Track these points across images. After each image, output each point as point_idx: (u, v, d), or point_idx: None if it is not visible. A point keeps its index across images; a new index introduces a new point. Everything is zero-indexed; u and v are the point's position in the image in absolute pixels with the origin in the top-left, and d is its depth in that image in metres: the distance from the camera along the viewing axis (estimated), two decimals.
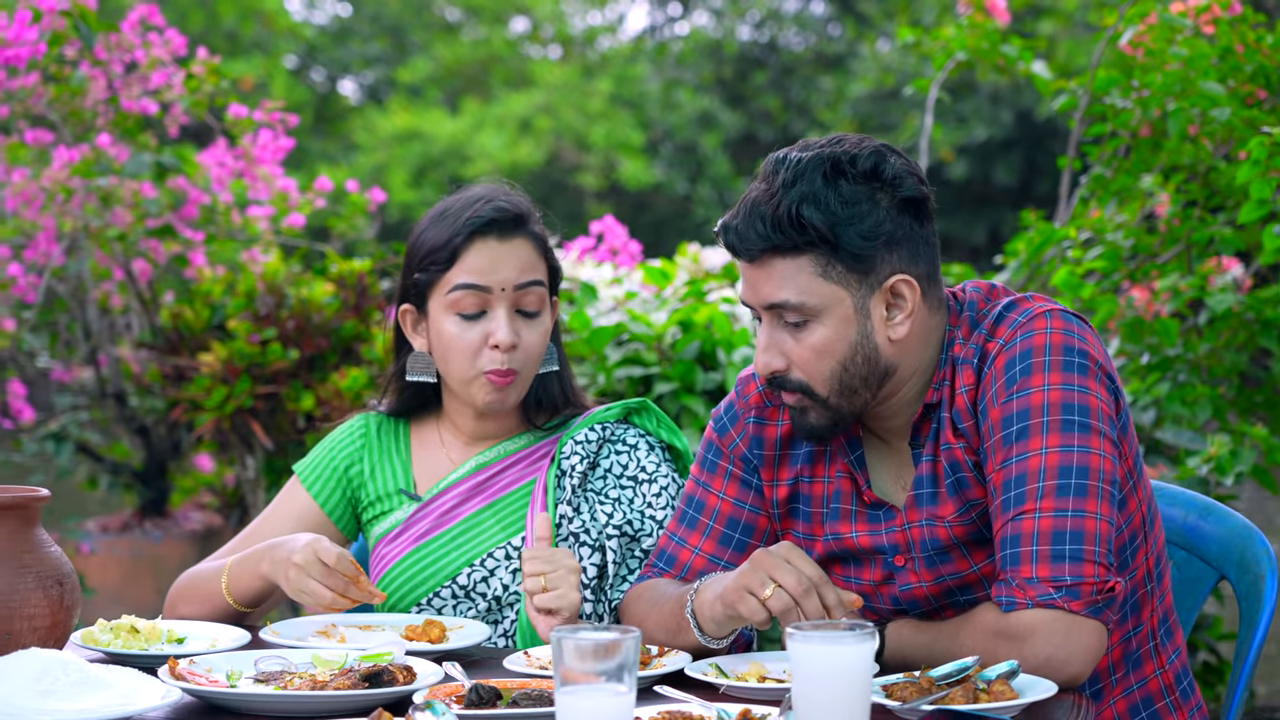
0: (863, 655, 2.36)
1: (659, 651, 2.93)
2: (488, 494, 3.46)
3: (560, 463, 3.42)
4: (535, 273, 3.36)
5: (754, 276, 2.90)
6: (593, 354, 5.30)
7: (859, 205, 2.84)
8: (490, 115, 20.83)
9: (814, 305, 2.86)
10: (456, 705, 2.59)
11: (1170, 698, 3.05)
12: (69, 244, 6.59)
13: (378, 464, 3.53)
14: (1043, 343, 2.84)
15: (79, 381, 7.39)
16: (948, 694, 2.59)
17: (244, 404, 6.13)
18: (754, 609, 2.77)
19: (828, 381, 2.89)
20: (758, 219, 2.85)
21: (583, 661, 2.31)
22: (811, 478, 3.09)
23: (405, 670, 2.73)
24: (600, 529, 3.36)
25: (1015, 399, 2.82)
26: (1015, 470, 2.80)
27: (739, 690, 2.73)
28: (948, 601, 3.00)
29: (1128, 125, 5.50)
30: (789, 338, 2.89)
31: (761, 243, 2.85)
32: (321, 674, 2.74)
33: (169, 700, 2.58)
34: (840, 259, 2.84)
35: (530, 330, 3.36)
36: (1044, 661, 2.72)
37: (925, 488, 2.96)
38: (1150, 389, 5.21)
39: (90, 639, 2.99)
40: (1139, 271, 5.52)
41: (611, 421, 3.48)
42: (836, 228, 2.82)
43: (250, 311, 6.34)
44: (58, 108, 6.67)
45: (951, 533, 2.93)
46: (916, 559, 2.98)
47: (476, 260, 3.33)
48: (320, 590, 3.08)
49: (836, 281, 2.85)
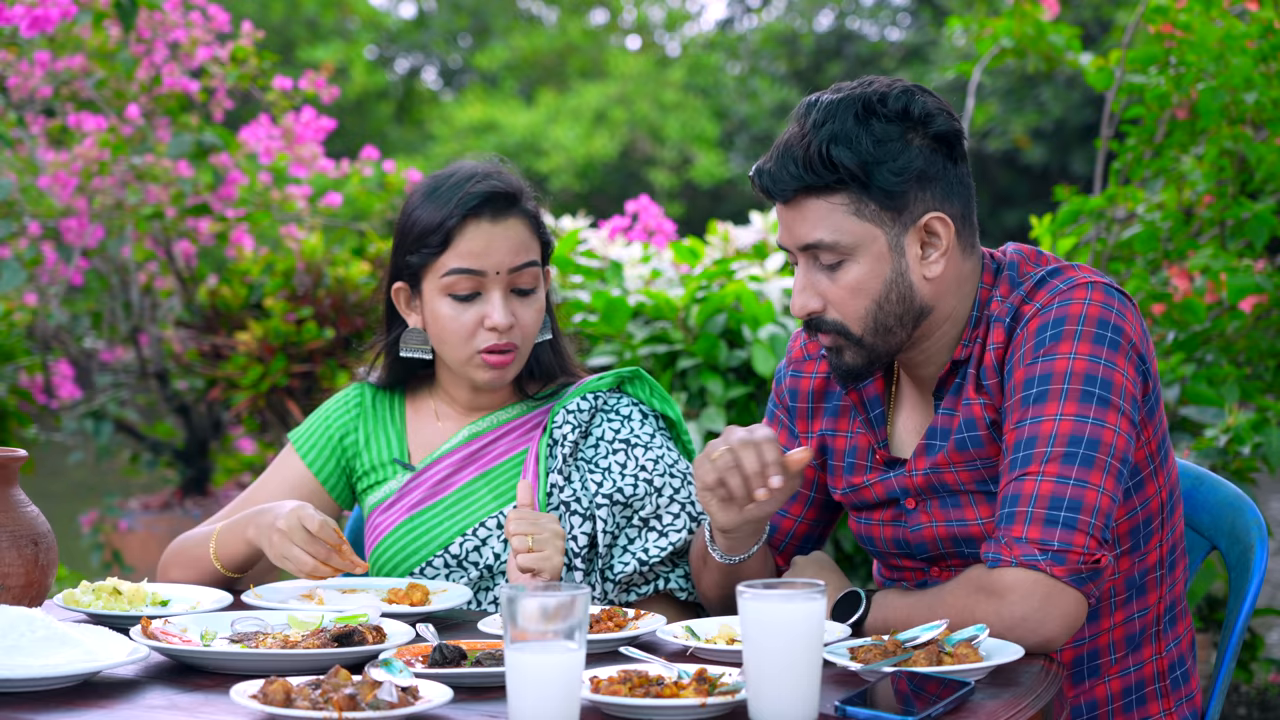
0: (811, 613, 2.35)
1: (635, 615, 2.94)
2: (480, 463, 3.46)
3: (552, 431, 3.42)
4: (529, 253, 3.36)
5: (788, 218, 2.92)
6: (619, 333, 5.30)
7: (891, 143, 2.85)
8: (565, 106, 20.87)
9: (848, 244, 2.87)
10: (421, 665, 2.60)
11: (1160, 684, 3.04)
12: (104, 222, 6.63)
13: (372, 433, 3.54)
14: (1079, 312, 2.84)
15: (121, 361, 7.44)
16: (910, 656, 2.58)
17: (279, 382, 6.16)
18: (705, 469, 2.83)
19: (863, 320, 2.90)
20: (790, 160, 2.87)
21: (533, 621, 2.31)
22: (835, 431, 3.13)
23: (375, 631, 2.74)
24: (591, 498, 3.36)
25: (1040, 362, 2.82)
26: (1027, 432, 2.80)
27: (707, 652, 2.73)
28: (953, 549, 3.00)
29: (1165, 104, 5.46)
30: (824, 278, 2.90)
31: (794, 183, 2.86)
32: (294, 635, 2.76)
33: (136, 658, 2.59)
34: (873, 197, 2.85)
35: (525, 308, 3.36)
36: (1018, 620, 2.71)
37: (937, 438, 2.97)
38: (1175, 369, 5.18)
39: (71, 600, 3.00)
40: (1175, 252, 5.49)
41: (604, 390, 3.47)
42: (868, 165, 2.84)
43: (287, 290, 6.37)
44: (105, 91, 6.73)
45: (958, 478, 2.95)
46: (929, 500, 3.00)
47: (470, 244, 3.32)
48: (302, 557, 3.09)
49: (870, 220, 2.86)
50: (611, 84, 21.31)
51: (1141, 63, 5.55)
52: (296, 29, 21.74)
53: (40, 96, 6.65)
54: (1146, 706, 3.02)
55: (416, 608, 3.07)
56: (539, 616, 2.30)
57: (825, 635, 2.75)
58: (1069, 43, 6.12)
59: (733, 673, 2.50)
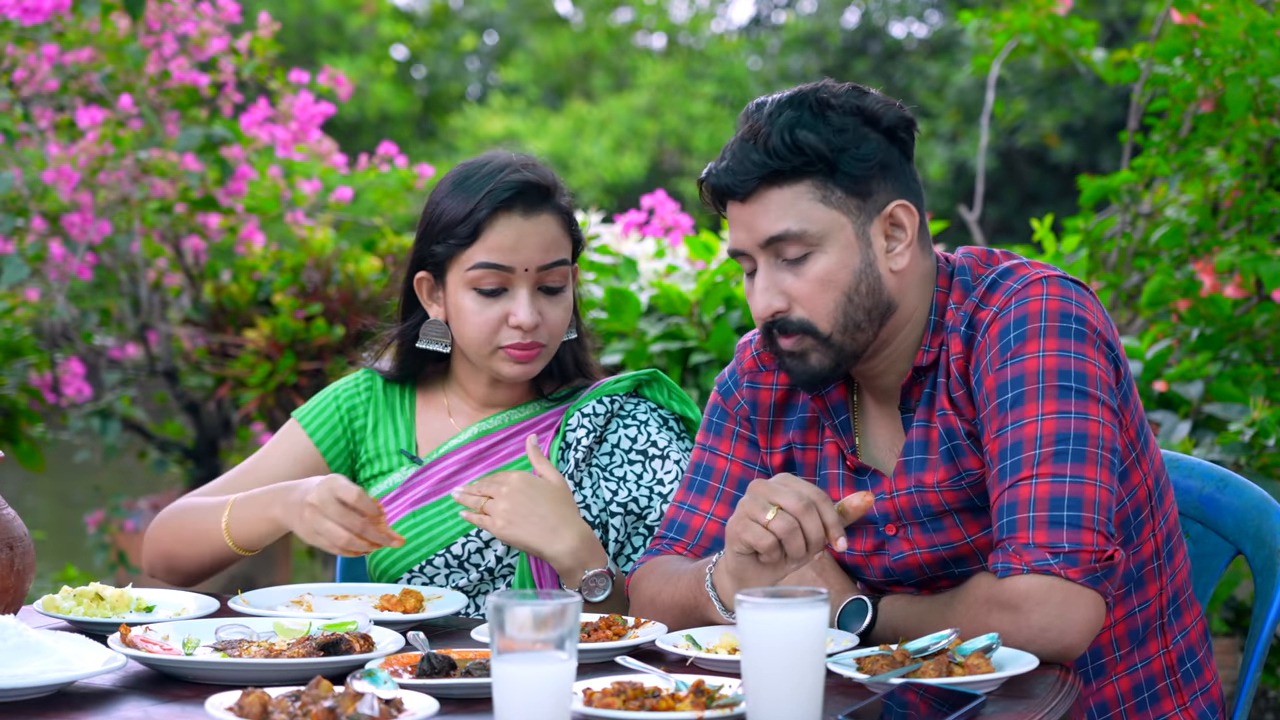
0: (812, 622, 2.25)
1: (635, 623, 2.83)
2: (488, 462, 3.36)
3: (565, 434, 3.32)
4: (560, 250, 3.24)
5: (748, 215, 2.81)
6: (632, 330, 5.21)
7: (849, 133, 2.78)
8: (592, 118, 20.81)
9: (816, 233, 2.77)
10: (409, 675, 2.49)
11: (1171, 679, 2.94)
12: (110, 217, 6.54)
13: (381, 420, 3.43)
14: (1038, 309, 2.75)
15: (130, 359, 7.36)
16: (919, 667, 2.48)
17: (287, 381, 6.07)
18: (758, 535, 2.63)
19: (831, 315, 2.79)
20: (751, 151, 2.78)
21: (523, 630, 2.21)
22: (804, 445, 3.01)
23: (363, 639, 2.64)
24: (603, 506, 3.26)
25: (1010, 365, 2.73)
26: (1011, 438, 2.70)
27: (708, 662, 2.63)
28: (942, 572, 2.89)
29: (1190, 97, 5.35)
30: (788, 275, 2.80)
31: (758, 171, 2.77)
32: (280, 643, 2.66)
33: (113, 667, 2.49)
34: (839, 182, 2.78)
35: (553, 306, 3.24)
36: (1039, 631, 2.61)
37: (915, 454, 2.86)
38: (1200, 367, 5.07)
39: (52, 606, 2.91)
40: (1201, 248, 5.38)
41: (621, 394, 3.36)
42: (834, 151, 2.76)
43: (296, 287, 6.27)
44: (114, 85, 6.65)
45: (942, 499, 2.83)
46: (909, 526, 2.88)
47: (500, 238, 3.20)
48: (335, 530, 2.96)
49: (836, 207, 2.78)
50: (639, 94, 21.25)
51: (1166, 55, 5.44)
52: (318, 30, 21.69)
53: (47, 90, 6.56)
54: (1160, 704, 2.93)
55: (409, 615, 2.96)
56: (527, 625, 2.20)
57: (830, 644, 2.66)
58: (1083, 39, 6.03)
59: (733, 684, 2.39)
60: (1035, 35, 6.13)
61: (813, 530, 2.62)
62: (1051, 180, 19.16)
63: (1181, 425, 4.97)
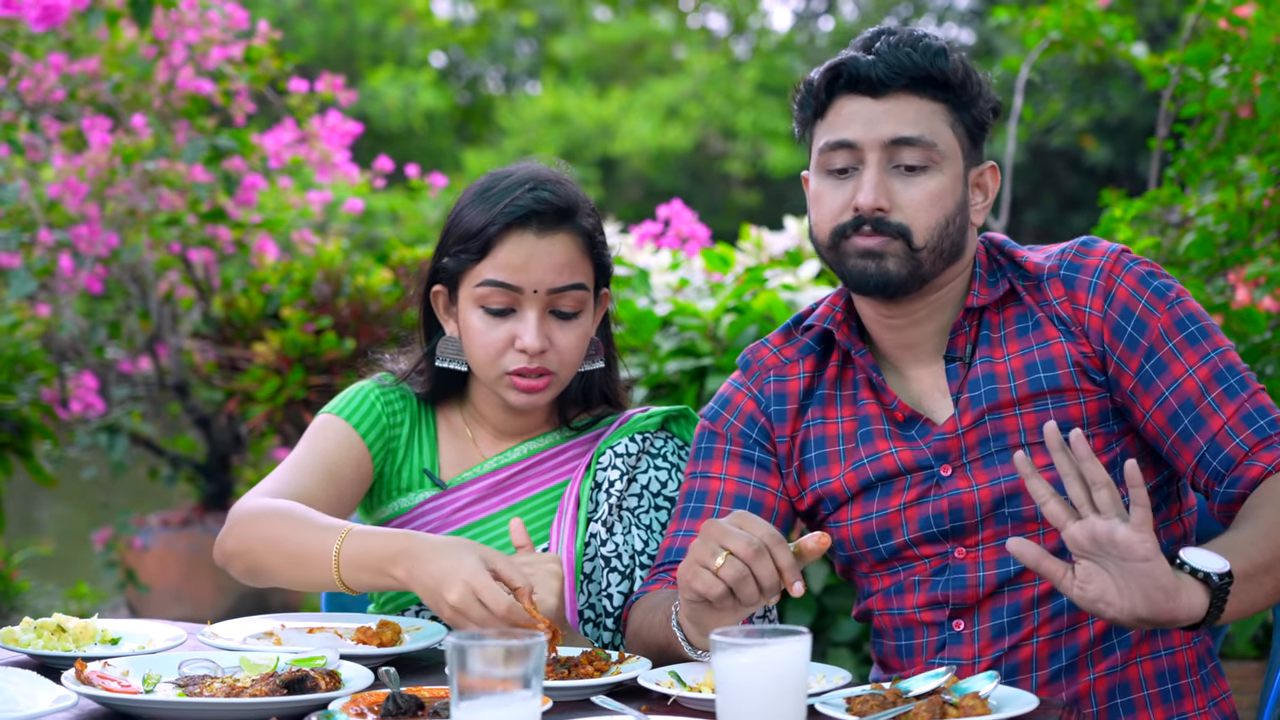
0: (790, 660, 2.11)
1: (620, 657, 2.69)
2: (508, 495, 3.20)
3: (596, 474, 3.15)
4: (575, 274, 3.06)
5: (879, 111, 2.86)
6: (645, 345, 5.08)
7: (980, 86, 2.91)
8: (637, 101, 20.84)
9: (941, 149, 2.85)
10: (373, 715, 2.36)
11: (1193, 678, 2.91)
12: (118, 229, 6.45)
13: (413, 436, 3.26)
14: (1149, 268, 2.88)
15: (141, 373, 7.26)
16: (910, 709, 2.34)
17: (296, 395, 5.96)
18: (708, 583, 2.52)
19: (929, 231, 2.86)
20: (907, 48, 2.85)
21: (481, 670, 2.09)
22: (824, 419, 3.00)
23: (329, 676, 2.51)
24: (633, 555, 3.09)
25: (1177, 305, 2.84)
26: (1220, 363, 2.81)
27: (691, 701, 2.49)
28: (992, 513, 2.85)
29: (1224, 105, 5.21)
30: (899, 183, 2.85)
31: (912, 70, 2.84)
32: (244, 679, 2.53)
33: (63, 705, 2.36)
34: (965, 121, 2.88)
35: (565, 333, 3.07)
36: None
37: (984, 386, 2.89)
38: None
39: (10, 639, 2.78)
40: (1231, 258, 5.25)
41: (651, 431, 3.20)
42: (975, 86, 2.89)
43: (305, 300, 6.16)
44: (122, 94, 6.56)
45: (1021, 423, 2.86)
46: (969, 464, 2.87)
47: (510, 256, 3.04)
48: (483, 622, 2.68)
49: (959, 139, 2.88)
50: (684, 80, 21.30)
51: (1196, 62, 5.30)
52: (360, 41, 21.71)
53: (54, 100, 6.47)
54: (1183, 702, 2.89)
55: (384, 649, 2.81)
56: (487, 665, 2.08)
57: (821, 682, 2.53)
58: (1121, 34, 5.89)
59: None
60: (1067, 33, 6.01)
61: (765, 576, 2.52)
62: (1090, 184, 19.00)
63: None
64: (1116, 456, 2.84)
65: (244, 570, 3.02)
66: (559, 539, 3.13)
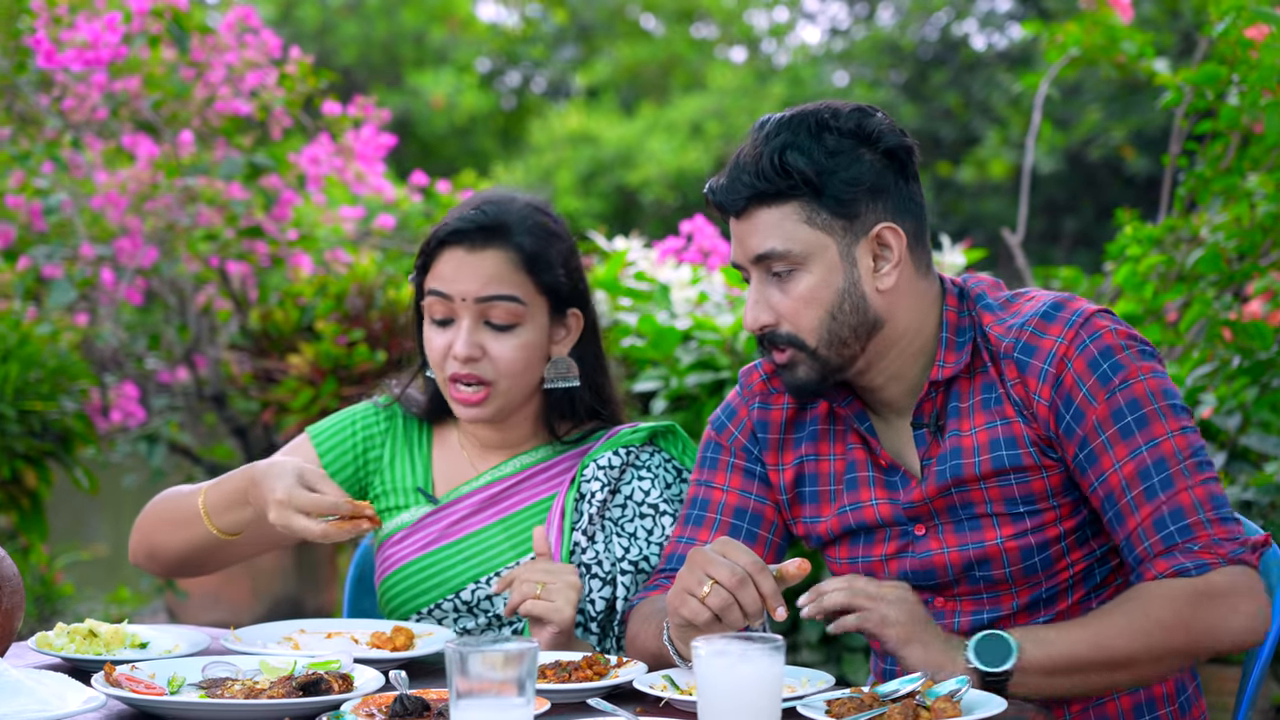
0: (768, 671, 2.26)
1: (618, 662, 2.85)
2: (500, 508, 3.37)
3: (580, 486, 3.33)
4: (505, 286, 3.27)
5: (741, 231, 2.92)
6: (667, 358, 5.23)
7: (843, 155, 2.88)
8: (662, 119, 20.88)
9: (799, 253, 2.88)
10: (382, 715, 2.52)
11: (1170, 707, 3.00)
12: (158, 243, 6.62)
13: (398, 455, 3.46)
14: (1114, 340, 2.86)
15: (180, 384, 7.43)
16: (884, 711, 2.48)
17: (329, 406, 6.10)
18: (695, 610, 2.70)
19: (816, 331, 2.89)
20: (743, 171, 2.90)
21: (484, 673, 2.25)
22: (818, 456, 3.08)
23: (342, 679, 2.67)
24: (614, 562, 3.27)
25: (1119, 392, 2.83)
26: (1150, 457, 2.81)
27: (684, 703, 2.64)
28: (964, 575, 2.95)
29: (1235, 124, 5.32)
30: (776, 290, 2.90)
31: (747, 191, 2.88)
32: (263, 682, 2.69)
33: (92, 706, 2.52)
34: (824, 205, 2.87)
35: (500, 343, 3.28)
36: (1249, 618, 2.75)
37: (951, 460, 2.93)
38: (1238, 394, 5.03)
39: (45, 643, 2.95)
40: (1239, 273, 5.35)
41: (637, 445, 3.37)
42: (821, 174, 2.86)
43: (339, 313, 6.32)
44: (162, 112, 6.72)
45: (987, 496, 2.92)
46: (941, 526, 2.96)
47: (443, 267, 3.29)
48: (309, 526, 3.04)
49: (821, 228, 2.88)
50: (709, 96, 21.31)
51: (1208, 81, 5.40)
52: (403, 47, 21.84)
53: (97, 119, 6.65)
54: None
55: (396, 653, 2.98)
56: (484, 669, 2.24)
57: (805, 686, 2.68)
58: (1143, 50, 5.99)
59: None
60: (1088, 51, 6.09)
61: (749, 602, 2.68)
62: (1130, 192, 19.03)
63: (1217, 457, 4.94)
64: (1083, 519, 2.93)
65: (146, 556, 3.39)
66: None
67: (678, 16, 23.46)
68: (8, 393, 6.06)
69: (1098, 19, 6.07)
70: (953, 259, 6.12)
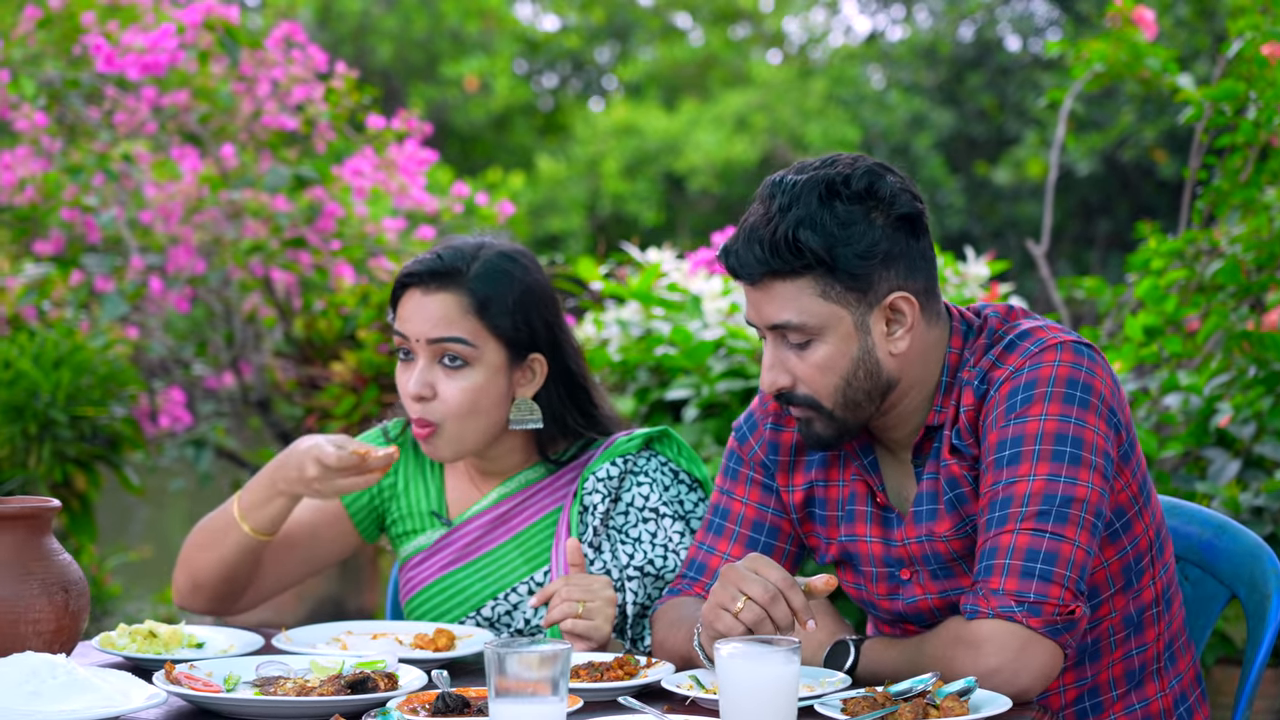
0: (785, 672, 2.42)
1: (647, 662, 3.00)
2: (510, 526, 3.51)
3: (582, 499, 3.45)
4: (454, 329, 3.36)
5: (756, 298, 2.96)
6: (699, 368, 5.38)
7: (855, 226, 2.88)
8: (707, 114, 20.93)
9: (815, 325, 2.91)
10: (425, 712, 2.68)
11: None
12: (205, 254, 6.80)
13: (411, 480, 3.59)
14: (1048, 375, 2.90)
15: (226, 390, 7.61)
16: (896, 709, 2.63)
17: (371, 412, 6.27)
18: (730, 624, 2.80)
19: (832, 396, 2.94)
20: (755, 243, 2.90)
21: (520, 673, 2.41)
22: (826, 482, 3.15)
23: (387, 678, 2.83)
24: (621, 569, 3.40)
25: (1012, 425, 2.89)
26: (1003, 492, 2.87)
27: (709, 702, 2.78)
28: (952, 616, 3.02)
29: (1254, 139, 5.44)
30: (793, 355, 2.94)
31: (760, 267, 2.90)
32: (313, 680, 2.85)
33: (155, 702, 2.69)
34: (838, 279, 2.89)
35: (449, 383, 3.37)
36: (993, 670, 2.77)
37: (924, 504, 3.01)
38: (1253, 403, 5.15)
39: (108, 643, 3.12)
40: (1257, 284, 5.46)
41: (633, 453, 3.48)
42: (833, 249, 2.87)
43: (380, 321, 6.48)
44: (209, 125, 6.90)
45: (950, 547, 2.99)
46: (921, 572, 3.04)
47: (403, 308, 3.42)
48: (350, 484, 3.31)
49: (836, 301, 2.90)
50: (753, 91, 21.35)
51: (1226, 98, 5.52)
52: (440, 43, 21.97)
53: (147, 133, 6.83)
54: None
55: (438, 653, 3.15)
56: (521, 669, 2.40)
57: (824, 686, 2.82)
58: (1166, 65, 6.09)
59: None
60: (1111, 66, 6.18)
61: (781, 617, 2.78)
62: (1163, 195, 19.09)
63: (1231, 464, 5.05)
64: None
65: (190, 587, 3.57)
66: (558, 561, 3.44)
67: (715, 18, 23.52)
68: (59, 398, 6.24)
69: (1122, 36, 6.15)
70: (977, 270, 6.24)
